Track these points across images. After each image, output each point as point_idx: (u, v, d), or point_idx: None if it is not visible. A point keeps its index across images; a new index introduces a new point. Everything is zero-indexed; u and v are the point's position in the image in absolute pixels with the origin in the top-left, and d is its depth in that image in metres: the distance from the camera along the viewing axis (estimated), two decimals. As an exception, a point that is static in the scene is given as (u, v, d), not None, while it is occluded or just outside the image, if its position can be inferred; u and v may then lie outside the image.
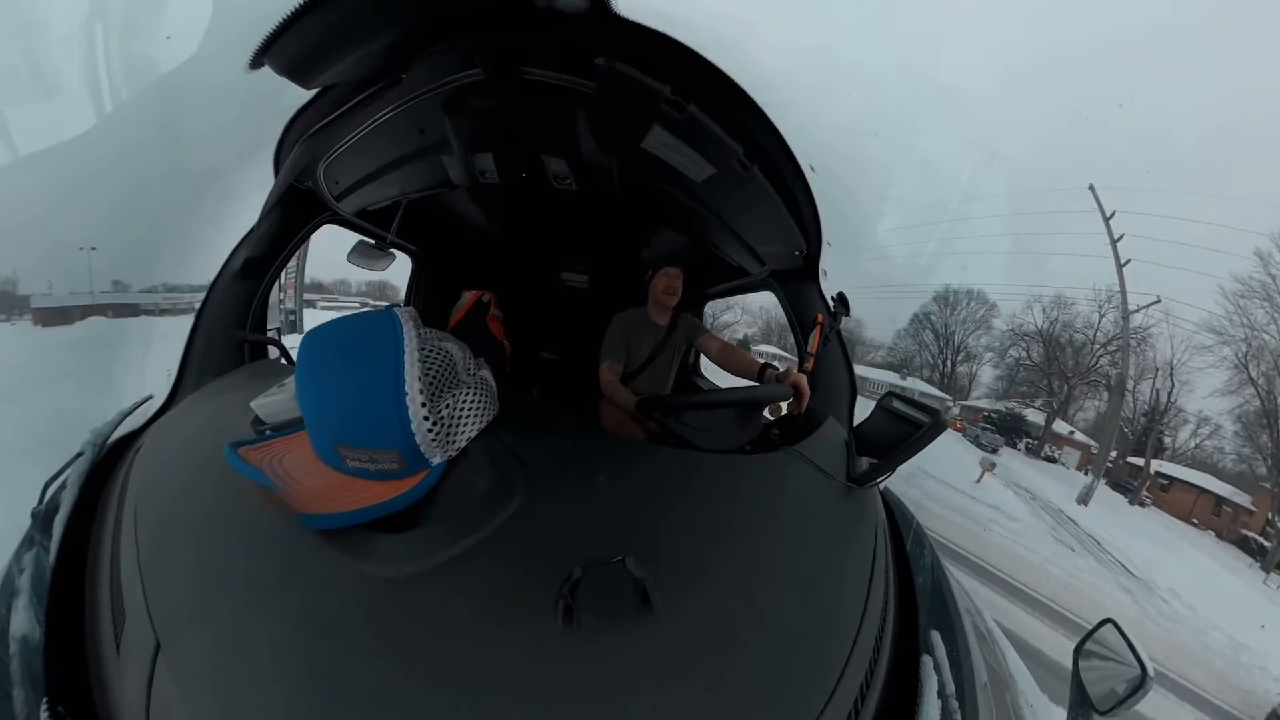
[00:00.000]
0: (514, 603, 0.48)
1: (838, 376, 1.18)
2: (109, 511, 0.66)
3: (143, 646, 0.46)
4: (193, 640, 0.46)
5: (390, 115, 1.05)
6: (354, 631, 0.46)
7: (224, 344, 1.13)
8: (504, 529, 0.54)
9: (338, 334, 0.61)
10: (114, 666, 0.48)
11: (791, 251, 1.23)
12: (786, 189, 1.04)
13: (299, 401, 0.60)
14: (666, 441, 1.04)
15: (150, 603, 0.49)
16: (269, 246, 1.21)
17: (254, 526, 0.56)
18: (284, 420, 0.71)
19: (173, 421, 0.92)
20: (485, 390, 0.69)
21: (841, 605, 0.61)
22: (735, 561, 0.58)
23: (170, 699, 0.42)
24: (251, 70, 0.80)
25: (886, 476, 0.88)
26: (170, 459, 0.74)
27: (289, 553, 0.52)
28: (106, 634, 0.51)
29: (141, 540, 0.57)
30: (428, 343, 0.63)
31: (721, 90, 0.84)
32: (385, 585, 0.49)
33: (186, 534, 0.58)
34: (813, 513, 0.78)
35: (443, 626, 0.46)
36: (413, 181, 1.43)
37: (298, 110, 1.02)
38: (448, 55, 0.93)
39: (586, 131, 1.07)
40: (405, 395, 0.56)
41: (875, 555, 0.73)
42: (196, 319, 1.11)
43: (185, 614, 0.48)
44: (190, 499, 0.63)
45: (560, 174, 1.29)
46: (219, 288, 1.14)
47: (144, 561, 0.54)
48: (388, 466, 0.57)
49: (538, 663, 0.44)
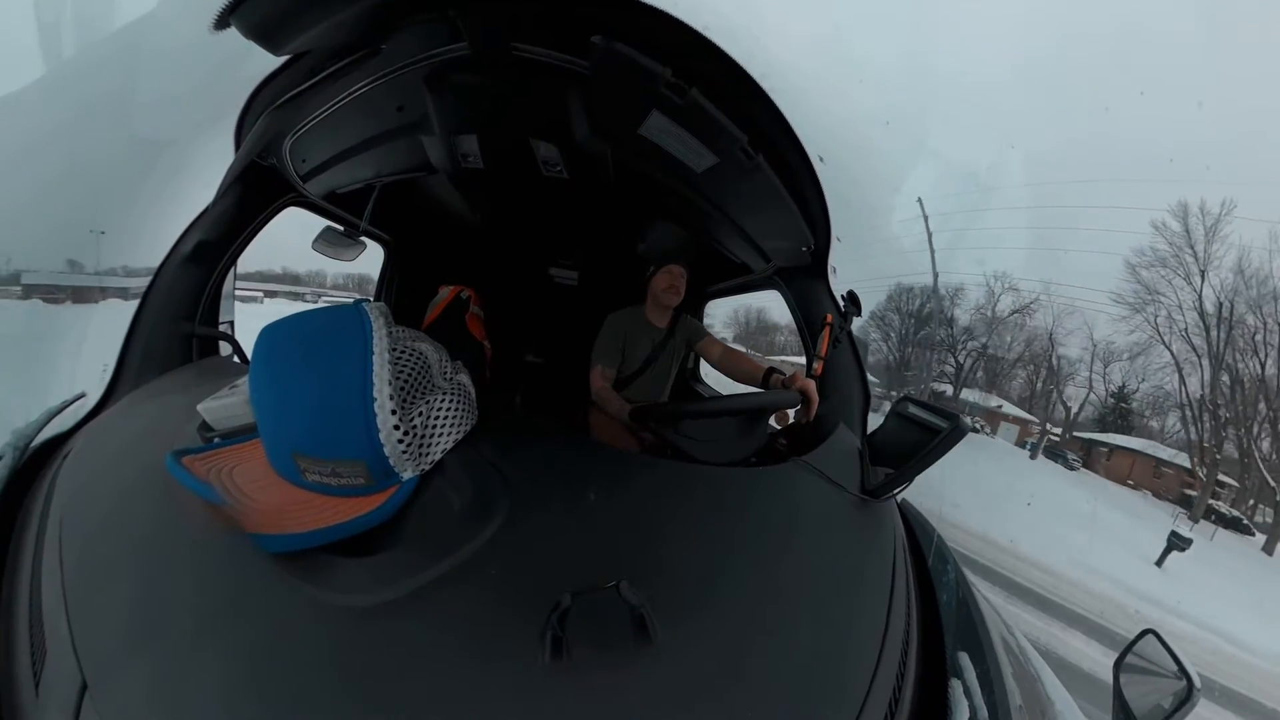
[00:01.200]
0: (495, 635, 0.45)
1: (849, 381, 1.13)
2: (29, 527, 0.60)
3: (66, 686, 0.42)
4: (125, 679, 0.41)
5: (366, 89, 0.99)
6: (313, 668, 0.42)
7: (169, 337, 1.02)
8: (483, 552, 0.50)
9: (299, 330, 0.58)
10: (31, 709, 0.43)
11: (798, 247, 1.18)
12: (793, 181, 1.00)
13: (253, 405, 0.56)
14: (664, 453, 0.99)
15: (75, 634, 0.44)
16: (225, 229, 1.11)
17: (199, 548, 0.51)
18: (235, 426, 0.66)
19: (107, 424, 0.84)
20: (463, 396, 0.65)
21: (860, 629, 0.58)
22: (741, 584, 0.55)
23: None
24: (216, 31, 0.74)
25: (904, 488, 0.83)
26: (103, 467, 0.68)
27: (238, 578, 0.48)
28: (23, 671, 0.46)
29: (66, 561, 0.52)
30: (400, 343, 0.59)
31: (725, 75, 0.80)
32: (348, 615, 0.45)
33: (120, 555, 0.53)
34: (825, 529, 0.74)
35: (414, 663, 0.42)
36: (388, 163, 1.36)
37: (265, 78, 0.95)
38: (432, 26, 0.88)
39: (580, 115, 1.02)
40: (374, 401, 0.52)
41: (895, 573, 0.69)
42: (139, 308, 1.00)
43: (117, 648, 0.43)
44: (125, 514, 0.58)
45: (550, 160, 1.25)
46: (166, 273, 1.03)
47: (69, 586, 0.49)
48: (352, 481, 0.53)
49: (523, 703, 0.40)
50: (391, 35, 0.88)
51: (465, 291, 1.67)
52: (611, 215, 1.71)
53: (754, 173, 0.97)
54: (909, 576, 0.73)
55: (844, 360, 1.14)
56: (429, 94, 1.02)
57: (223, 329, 1.16)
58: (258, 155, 1.10)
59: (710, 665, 0.46)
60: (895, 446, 0.93)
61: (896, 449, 0.91)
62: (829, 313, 1.16)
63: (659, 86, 0.82)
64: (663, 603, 0.45)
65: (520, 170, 1.28)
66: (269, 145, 1.10)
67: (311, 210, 1.45)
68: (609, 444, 1.23)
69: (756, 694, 0.46)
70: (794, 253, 1.23)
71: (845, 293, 1.19)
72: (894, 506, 0.88)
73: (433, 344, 0.67)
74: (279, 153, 1.13)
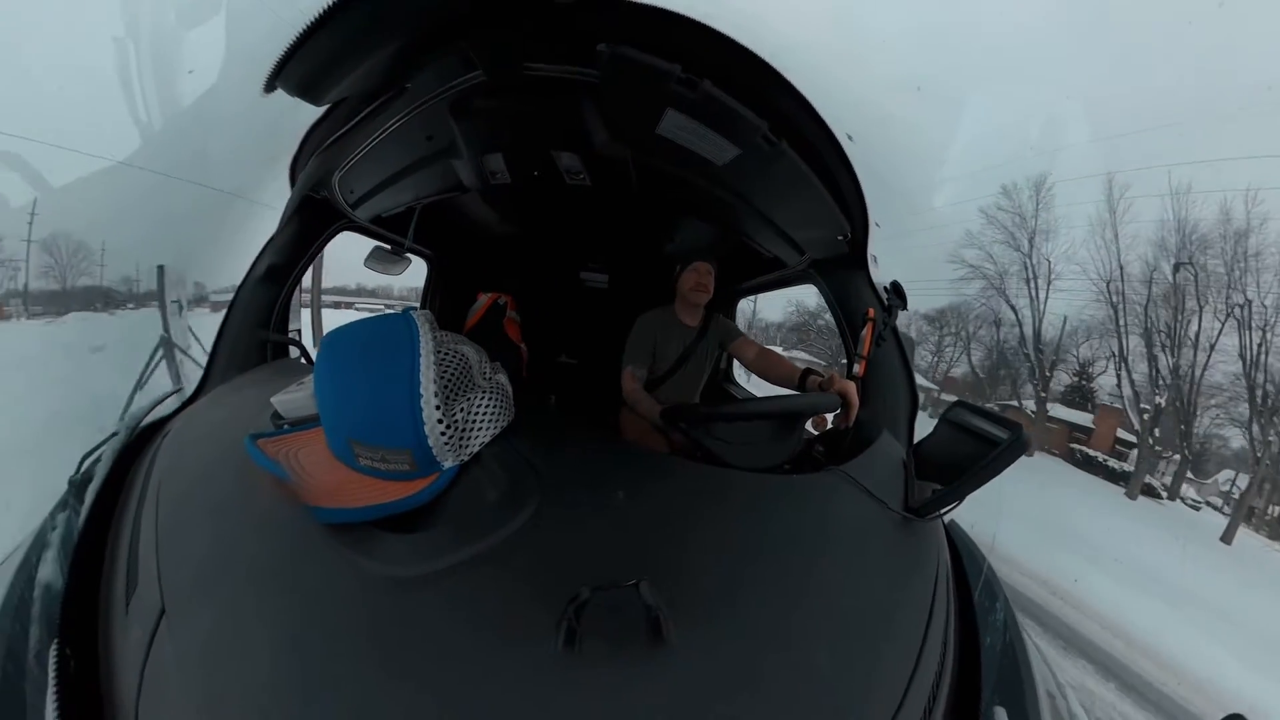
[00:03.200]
0: (515, 618, 0.46)
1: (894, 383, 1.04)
2: (134, 487, 0.70)
3: (149, 611, 0.49)
4: (194, 612, 0.48)
5: (398, 124, 1.07)
6: (349, 626, 0.46)
7: (248, 343, 1.19)
8: (512, 539, 0.52)
9: (356, 335, 0.63)
10: (121, 623, 0.52)
11: (834, 236, 1.10)
12: (822, 164, 0.93)
13: (317, 399, 0.61)
14: (694, 456, 0.93)
15: (161, 572, 0.52)
16: (289, 254, 1.27)
17: (266, 515, 0.57)
18: (302, 416, 0.72)
19: (198, 412, 0.97)
20: (501, 395, 0.68)
21: (887, 664, 0.53)
22: (763, 597, 0.52)
23: (166, 661, 0.45)
24: (266, 94, 0.86)
25: (953, 507, 0.74)
26: (193, 445, 0.78)
27: (296, 543, 0.53)
28: (119, 594, 0.54)
29: (160, 516, 0.60)
30: (444, 345, 0.63)
31: (736, 62, 0.77)
32: (386, 584, 0.48)
33: (202, 515, 0.61)
34: (860, 547, 0.68)
35: (438, 632, 0.45)
36: (425, 187, 1.45)
37: (311, 126, 1.07)
38: (448, 60, 0.93)
39: (596, 122, 1.03)
40: (420, 397, 0.56)
41: (934, 605, 0.62)
42: (224, 319, 1.18)
43: (191, 587, 0.50)
44: (208, 483, 0.66)
45: (572, 169, 1.26)
46: (244, 291, 1.20)
47: (161, 535, 0.57)
48: (399, 467, 0.57)
49: (532, 684, 0.41)
50: (413, 74, 0.95)
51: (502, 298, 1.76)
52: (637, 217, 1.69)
53: (779, 160, 0.92)
54: (950, 610, 0.66)
55: (888, 360, 1.05)
56: (453, 121, 1.09)
57: (291, 335, 1.32)
58: (311, 190, 1.24)
59: (720, 676, 0.44)
60: (945, 459, 0.84)
61: (947, 462, 0.82)
62: (870, 306, 1.06)
63: (670, 84, 0.80)
64: (681, 607, 0.45)
65: (545, 181, 1.31)
66: (320, 181, 1.23)
67: (361, 233, 1.60)
68: (639, 444, 1.18)
69: (763, 714, 0.44)
70: (829, 242, 1.14)
71: (888, 284, 1.10)
72: (939, 528, 0.79)
73: (473, 346, 0.70)
74: (329, 187, 1.25)
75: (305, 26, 0.74)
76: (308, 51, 0.78)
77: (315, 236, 1.34)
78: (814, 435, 1.10)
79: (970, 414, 0.85)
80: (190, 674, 0.43)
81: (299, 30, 0.74)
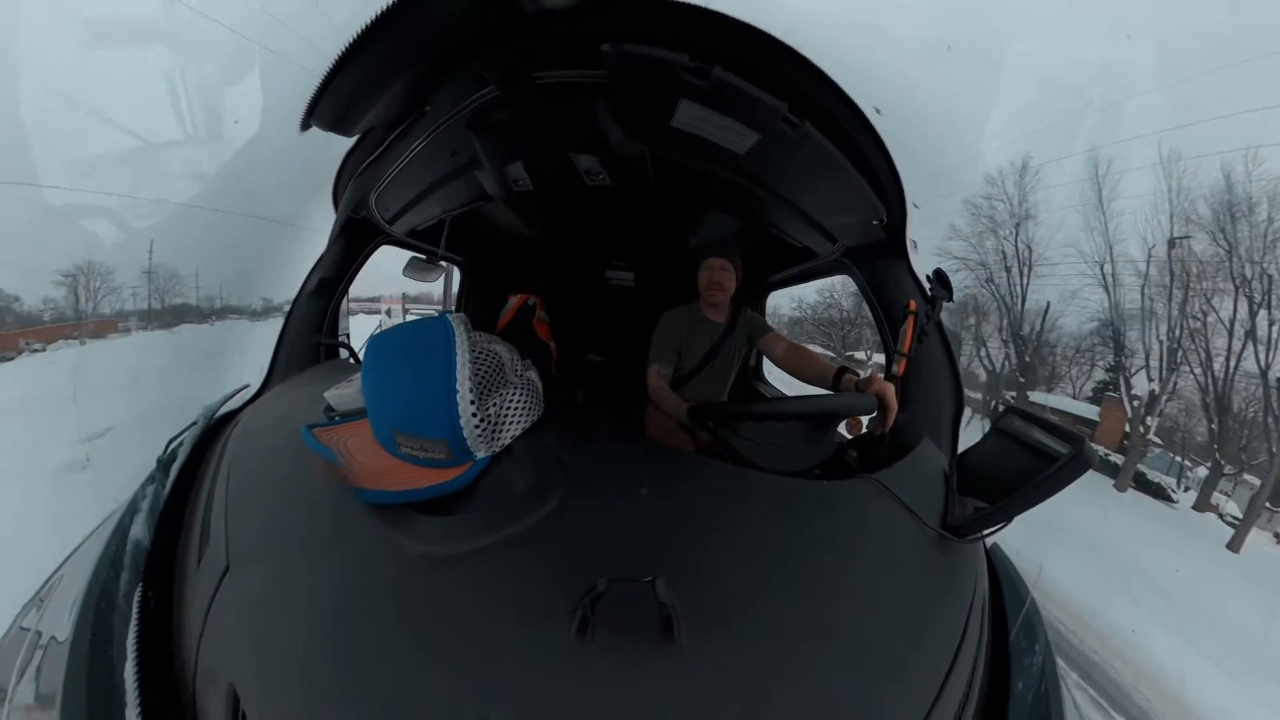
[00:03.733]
0: (533, 601, 0.48)
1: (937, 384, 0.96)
2: (209, 466, 0.81)
3: (216, 567, 0.56)
4: (253, 570, 0.55)
5: (422, 145, 1.14)
6: (383, 595, 0.50)
7: (304, 346, 1.33)
8: (537, 528, 0.54)
9: (399, 337, 0.68)
10: (193, 575, 0.60)
11: (867, 221, 1.02)
12: (850, 143, 0.87)
13: (364, 393, 0.66)
14: (720, 455, 0.89)
15: (229, 536, 0.59)
16: (337, 268, 1.41)
17: (317, 493, 0.63)
18: (351, 409, 0.79)
19: (262, 405, 1.08)
20: (531, 391, 0.71)
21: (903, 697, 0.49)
22: (780, 608, 0.50)
23: (226, 608, 0.52)
24: (303, 131, 0.95)
25: (998, 529, 0.67)
26: (258, 433, 0.88)
27: (342, 519, 0.58)
28: (192, 552, 0.63)
29: (230, 490, 0.68)
30: (478, 345, 0.67)
31: (747, 43, 0.74)
32: (419, 560, 0.52)
33: (263, 491, 0.69)
34: (888, 565, 0.63)
35: (462, 607, 0.48)
36: (453, 199, 1.52)
37: (345, 155, 1.17)
38: (461, 81, 0.97)
39: (610, 122, 1.02)
40: (456, 392, 0.60)
41: (964, 638, 0.57)
42: (283, 327, 1.33)
43: (251, 550, 0.57)
44: (270, 465, 0.75)
45: (591, 171, 1.27)
46: (300, 301, 1.34)
47: (229, 505, 0.65)
48: (436, 455, 0.61)
49: (542, 665, 0.43)
50: (431, 98, 1.00)
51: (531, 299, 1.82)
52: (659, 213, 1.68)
53: (803, 143, 0.86)
54: (981, 645, 0.60)
55: (932, 358, 0.96)
56: (473, 137, 1.14)
57: (341, 339, 1.47)
58: (351, 211, 1.36)
59: (725, 682, 0.43)
60: (993, 472, 0.75)
61: (994, 476, 0.73)
62: (911, 298, 0.98)
63: (680, 75, 0.77)
64: (696, 607, 0.45)
65: (566, 185, 1.33)
66: (358, 203, 1.34)
67: (399, 246, 1.73)
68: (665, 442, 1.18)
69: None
70: (863, 228, 1.06)
71: (931, 272, 1.00)
72: (980, 551, 0.72)
73: (506, 345, 0.73)
74: (367, 207, 1.36)
75: (328, 70, 0.81)
76: (333, 91, 0.85)
77: (358, 252, 1.48)
78: (847, 439, 1.02)
79: (1025, 423, 0.75)
80: (245, 621, 0.50)
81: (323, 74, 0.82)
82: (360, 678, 0.43)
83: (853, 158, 0.90)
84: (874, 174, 0.92)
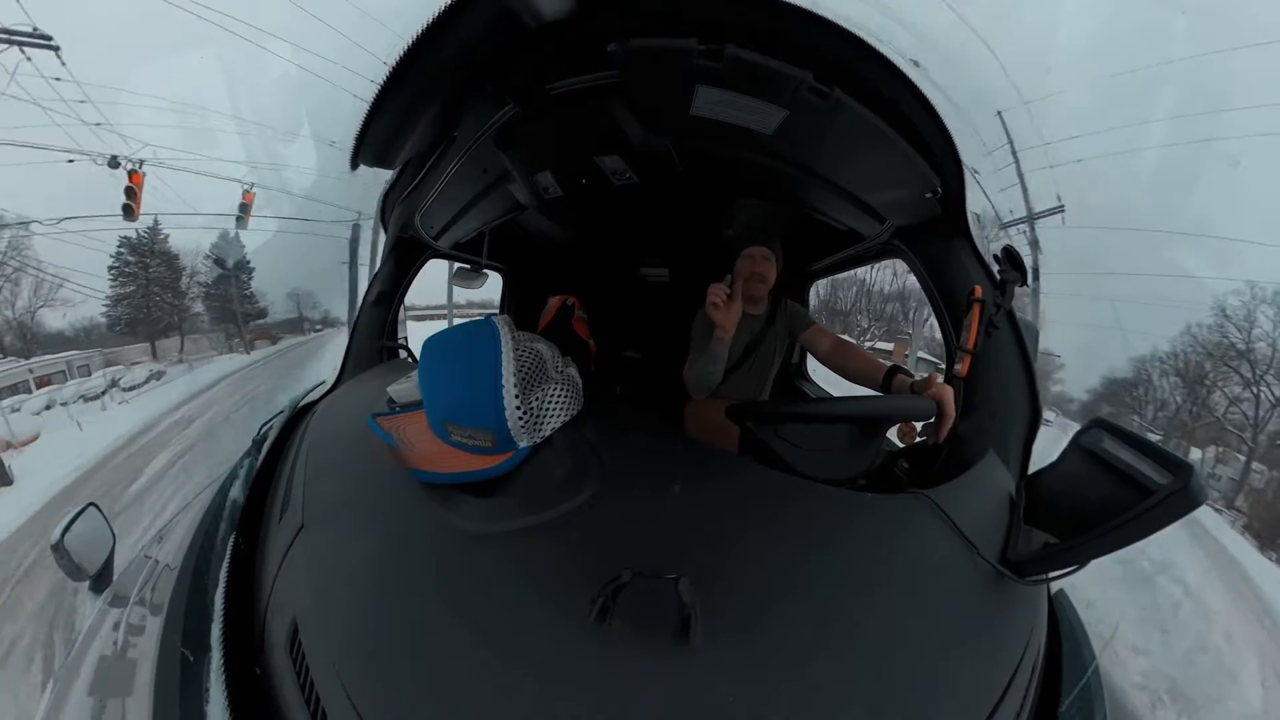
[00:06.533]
0: (559, 585, 0.50)
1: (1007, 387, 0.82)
2: (292, 445, 0.95)
3: (292, 525, 0.66)
4: (322, 532, 0.64)
5: (456, 166, 1.26)
6: (426, 562, 0.57)
7: (369, 349, 1.56)
8: (571, 515, 0.55)
9: (450, 338, 0.75)
10: (275, 530, 0.70)
11: (920, 194, 0.89)
12: (889, 106, 0.77)
13: (420, 388, 0.74)
14: (758, 457, 0.83)
15: (305, 502, 0.70)
16: (392, 282, 1.64)
17: (379, 471, 0.71)
18: (409, 401, 0.87)
19: (335, 398, 1.26)
20: (571, 386, 0.74)
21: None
22: (804, 625, 0.47)
23: (297, 558, 0.62)
24: (353, 170, 1.10)
25: (1068, 572, 0.56)
26: (331, 421, 1.04)
27: (399, 495, 0.65)
28: (275, 512, 0.74)
29: (308, 465, 0.81)
30: (521, 344, 0.72)
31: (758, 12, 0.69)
32: (463, 536, 0.57)
33: (335, 467, 0.80)
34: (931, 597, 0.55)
35: (496, 581, 0.52)
36: (490, 212, 1.65)
37: (389, 183, 1.33)
38: (482, 104, 1.05)
39: (629, 120, 1.01)
40: (501, 387, 0.66)
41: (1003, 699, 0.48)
42: (351, 333, 1.56)
43: (322, 515, 0.67)
44: (341, 447, 0.86)
45: (618, 171, 1.28)
46: (364, 311, 1.57)
47: (306, 479, 0.76)
48: (483, 443, 0.67)
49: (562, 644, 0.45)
50: (458, 124, 1.08)
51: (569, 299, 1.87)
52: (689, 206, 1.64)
53: (836, 112, 0.77)
54: (1027, 709, 0.51)
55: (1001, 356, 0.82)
56: (501, 153, 1.23)
57: (400, 342, 1.70)
58: (400, 232, 1.54)
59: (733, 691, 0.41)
60: (1070, 501, 0.63)
61: (1071, 505, 0.61)
62: (977, 283, 0.84)
63: (691, 60, 0.73)
64: (715, 611, 0.44)
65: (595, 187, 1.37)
66: (405, 224, 1.51)
67: (445, 259, 1.93)
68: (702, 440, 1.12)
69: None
70: (915, 203, 0.92)
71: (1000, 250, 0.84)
72: (1042, 597, 0.62)
73: (547, 344, 0.77)
74: (414, 227, 1.53)
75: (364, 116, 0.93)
76: (372, 134, 0.97)
77: (409, 266, 1.69)
78: (898, 448, 0.91)
79: (1115, 440, 0.60)
80: (311, 569, 0.59)
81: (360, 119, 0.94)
82: (397, 627, 0.49)
83: (894, 122, 0.79)
84: (921, 139, 0.80)
